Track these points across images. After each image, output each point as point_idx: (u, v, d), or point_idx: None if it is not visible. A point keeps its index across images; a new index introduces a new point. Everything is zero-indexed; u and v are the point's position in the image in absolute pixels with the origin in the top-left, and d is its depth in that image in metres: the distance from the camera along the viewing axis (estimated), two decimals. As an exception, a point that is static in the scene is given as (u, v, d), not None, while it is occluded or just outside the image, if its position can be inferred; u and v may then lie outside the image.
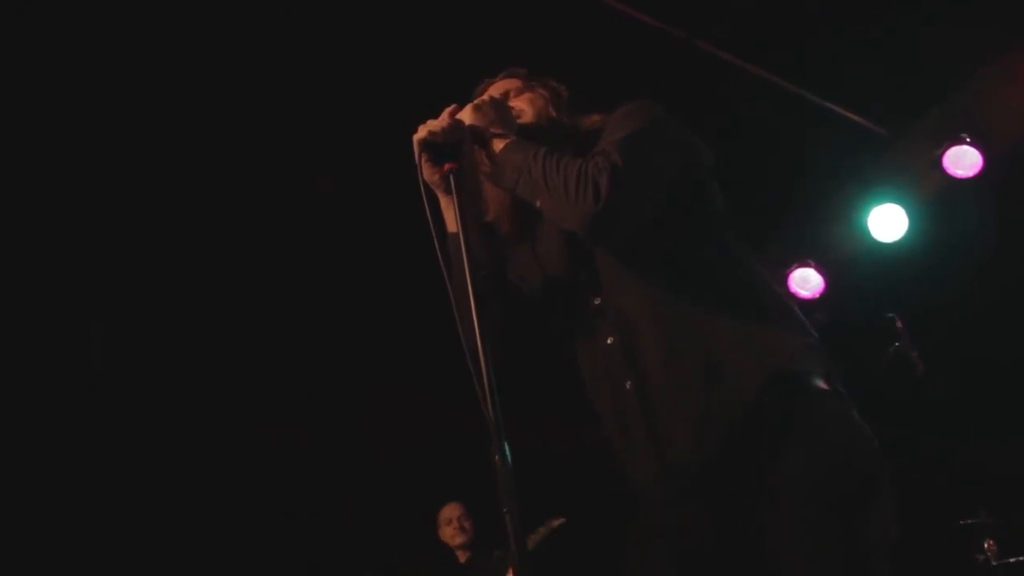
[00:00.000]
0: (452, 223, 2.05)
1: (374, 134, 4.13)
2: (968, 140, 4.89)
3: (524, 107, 2.20)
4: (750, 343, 1.88)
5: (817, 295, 5.65)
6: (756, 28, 4.65)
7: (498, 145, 2.06)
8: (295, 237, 5.01)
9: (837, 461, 1.78)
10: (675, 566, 1.88)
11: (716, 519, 1.85)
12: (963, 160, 4.93)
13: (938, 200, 5.18)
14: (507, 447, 1.67)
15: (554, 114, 2.24)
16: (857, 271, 5.52)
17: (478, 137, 2.07)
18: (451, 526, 5.11)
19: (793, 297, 5.64)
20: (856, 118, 5.22)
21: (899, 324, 4.29)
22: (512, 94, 2.25)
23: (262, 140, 4.48)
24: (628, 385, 1.95)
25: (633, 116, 2.04)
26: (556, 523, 4.77)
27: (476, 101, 2.13)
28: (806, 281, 5.71)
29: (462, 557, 5.06)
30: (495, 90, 2.29)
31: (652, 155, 1.96)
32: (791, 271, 5.67)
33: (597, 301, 2.04)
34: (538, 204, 1.98)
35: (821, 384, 1.86)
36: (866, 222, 5.37)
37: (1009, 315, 4.79)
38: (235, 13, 3.95)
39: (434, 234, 1.98)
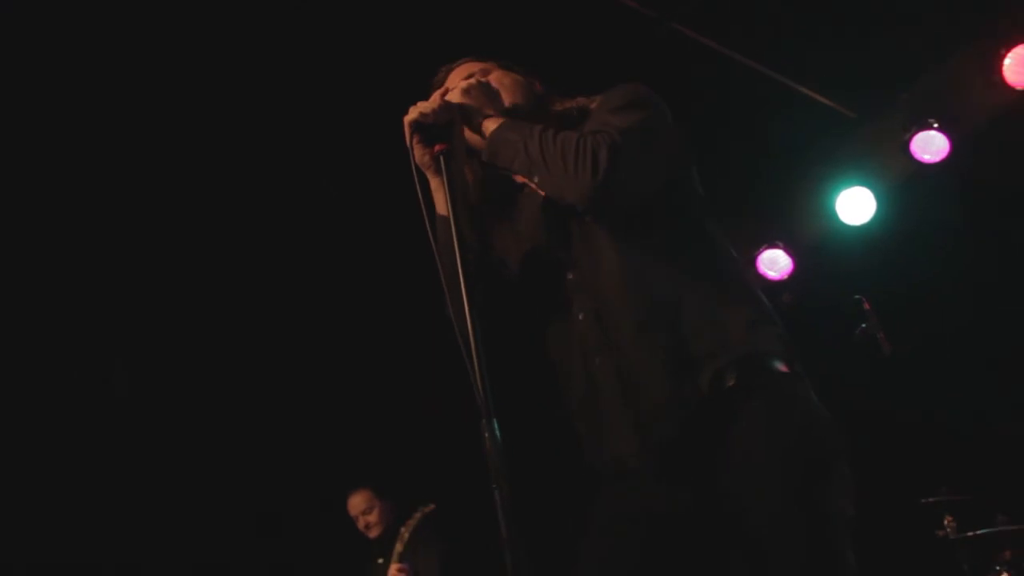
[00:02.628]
0: (442, 205, 2.07)
1: (360, 131, 4.18)
2: (936, 126, 4.97)
3: (500, 88, 2.21)
4: (717, 325, 1.93)
5: (785, 276, 5.73)
6: (726, 7, 4.69)
7: (490, 125, 2.08)
8: (295, 240, 5.04)
9: (797, 439, 1.85)
10: (642, 543, 1.93)
11: (681, 490, 1.90)
12: (930, 145, 5.01)
13: (905, 184, 5.26)
14: (496, 425, 1.71)
15: (532, 93, 2.27)
16: (825, 253, 5.60)
17: (468, 118, 2.09)
18: (359, 522, 5.01)
19: (761, 278, 5.73)
20: (825, 100, 5.29)
21: (867, 305, 4.36)
22: (478, 75, 2.25)
23: (261, 144, 4.49)
24: (598, 361, 1.99)
25: (628, 100, 2.06)
26: (426, 510, 4.76)
27: (464, 84, 2.14)
28: (774, 262, 5.79)
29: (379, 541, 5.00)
30: (457, 75, 2.30)
31: (650, 141, 2.00)
32: (760, 252, 5.75)
33: (571, 276, 2.08)
34: (536, 180, 2.01)
35: (781, 366, 1.92)
36: (834, 205, 5.45)
37: (973, 297, 4.89)
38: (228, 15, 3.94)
39: (425, 216, 2.00)
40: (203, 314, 5.18)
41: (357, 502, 5.00)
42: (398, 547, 4.69)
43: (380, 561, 4.93)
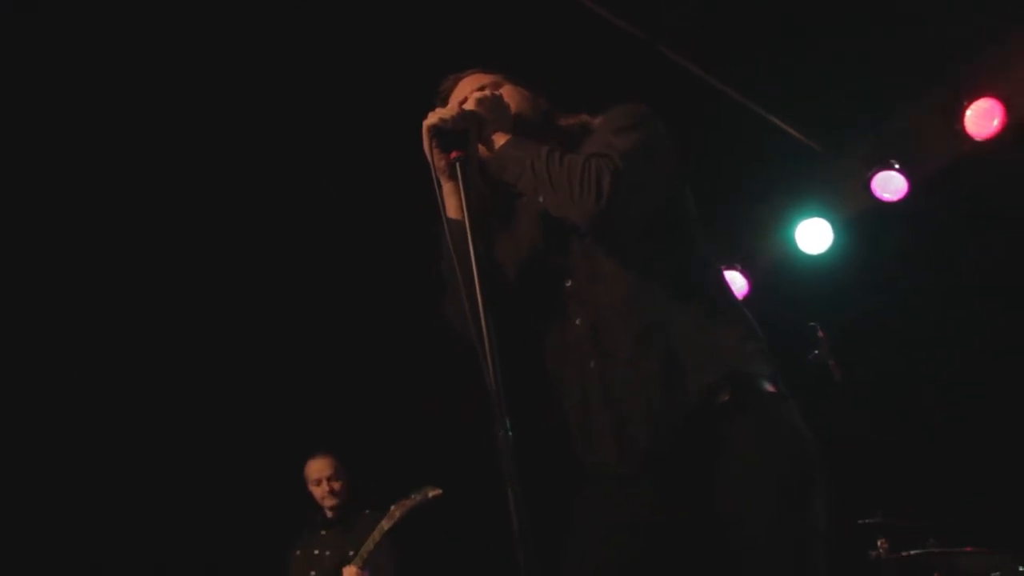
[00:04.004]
0: (452, 209, 2.13)
1: (361, 131, 4.26)
2: (897, 167, 5.20)
3: (509, 101, 2.27)
4: (708, 342, 2.02)
5: (740, 298, 5.89)
6: (712, 34, 4.85)
7: (498, 139, 2.18)
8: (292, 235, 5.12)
9: (789, 455, 1.95)
10: (622, 538, 2.01)
11: (668, 500, 1.98)
12: (890, 184, 5.25)
13: (863, 219, 5.48)
14: (509, 424, 1.80)
15: (539, 109, 2.36)
16: (781, 278, 5.77)
17: (478, 129, 2.15)
18: (320, 487, 4.82)
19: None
20: (794, 133, 5.48)
21: (821, 333, 4.52)
22: (489, 88, 2.31)
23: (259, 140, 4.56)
24: (592, 365, 2.07)
25: (631, 121, 2.16)
26: (432, 493, 4.60)
27: (478, 95, 2.21)
28: (731, 283, 5.94)
29: (331, 513, 4.86)
30: (467, 85, 2.37)
31: (651, 162, 2.09)
32: (718, 272, 5.90)
33: (568, 284, 2.16)
34: (541, 199, 2.10)
35: (769, 386, 2.02)
36: (793, 233, 5.66)
37: (920, 330, 5.11)
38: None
39: (444, 218, 2.10)
40: (203, 312, 5.25)
41: (322, 466, 4.85)
42: (384, 524, 4.52)
43: (324, 533, 4.84)
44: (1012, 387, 4.77)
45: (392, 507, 4.61)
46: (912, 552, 4.17)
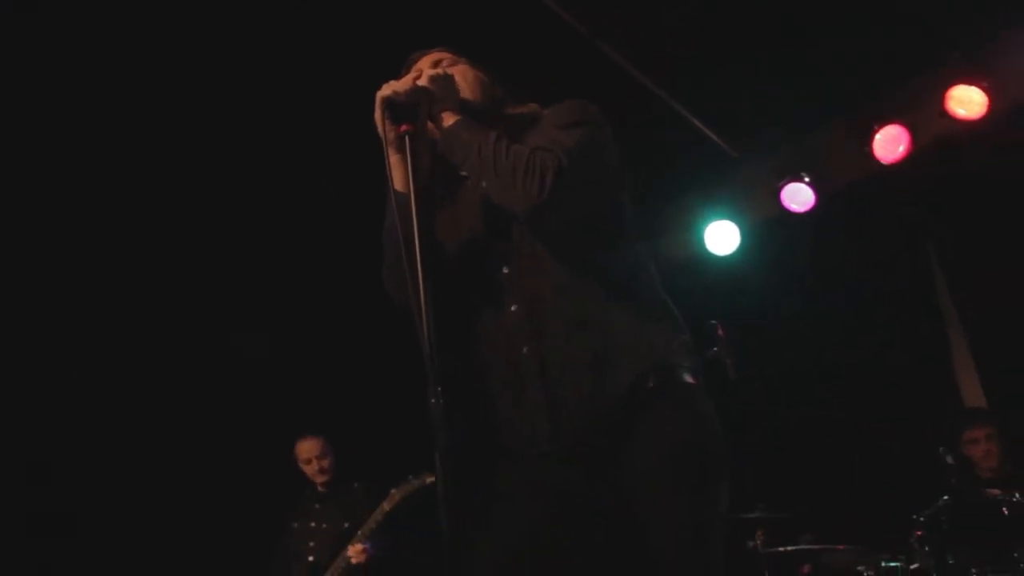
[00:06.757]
0: (399, 181, 2.17)
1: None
2: (806, 180, 5.43)
3: (459, 80, 2.30)
4: (639, 333, 2.11)
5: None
6: (644, 33, 4.98)
7: (447, 119, 2.21)
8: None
9: (696, 443, 2.06)
10: (543, 519, 2.10)
11: (591, 480, 2.08)
12: (798, 196, 5.47)
13: (770, 226, 5.71)
14: (441, 392, 1.87)
15: (491, 94, 2.39)
16: (686, 276, 5.94)
17: (429, 105, 2.18)
18: (311, 466, 5.16)
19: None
20: (713, 136, 5.66)
21: (720, 331, 4.69)
22: (445, 63, 2.35)
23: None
24: (525, 351, 2.14)
25: (578, 118, 2.21)
26: (429, 479, 4.75)
27: (431, 72, 2.23)
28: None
29: (321, 487, 5.18)
30: (427, 61, 2.39)
31: (594, 161, 2.15)
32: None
33: (506, 271, 2.21)
34: (483, 184, 2.15)
35: (689, 377, 2.13)
36: (702, 233, 5.86)
37: (816, 334, 5.37)
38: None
39: (392, 188, 2.14)
40: (200, 300, 5.30)
41: (311, 446, 5.17)
42: (386, 505, 4.77)
43: (317, 506, 5.13)
44: (897, 393, 5.07)
45: (393, 490, 4.83)
46: (787, 548, 4.42)
